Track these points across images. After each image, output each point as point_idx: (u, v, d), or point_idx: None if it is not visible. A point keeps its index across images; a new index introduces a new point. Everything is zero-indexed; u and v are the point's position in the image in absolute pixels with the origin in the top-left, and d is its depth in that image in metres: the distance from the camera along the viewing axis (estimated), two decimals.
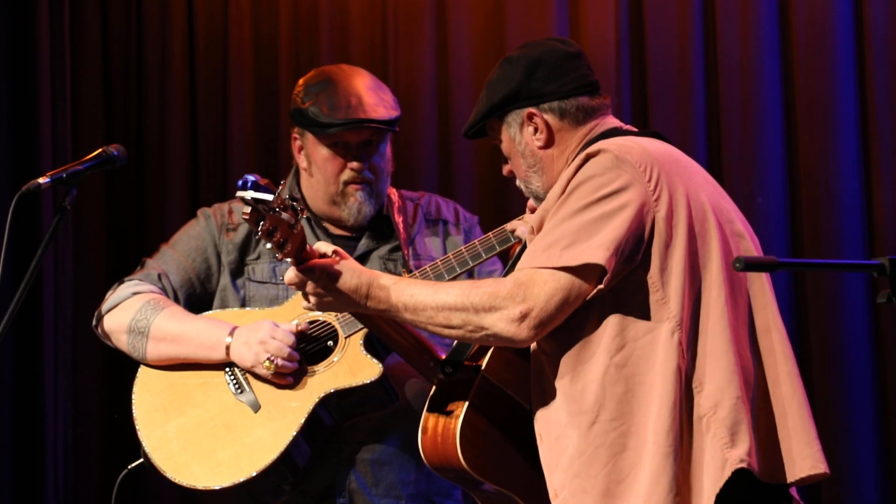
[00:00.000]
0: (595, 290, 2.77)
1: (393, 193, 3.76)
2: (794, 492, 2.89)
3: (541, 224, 2.87)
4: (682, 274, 2.79)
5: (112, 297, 3.65)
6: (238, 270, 3.70)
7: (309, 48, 5.21)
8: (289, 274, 2.90)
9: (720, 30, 4.89)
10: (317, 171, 3.68)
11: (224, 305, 3.68)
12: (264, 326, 3.48)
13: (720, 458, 2.73)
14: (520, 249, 3.16)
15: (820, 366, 4.72)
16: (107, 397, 5.09)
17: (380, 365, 3.45)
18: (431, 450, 3.00)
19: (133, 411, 3.55)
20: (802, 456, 2.84)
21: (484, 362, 3.01)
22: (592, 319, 2.81)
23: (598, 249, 2.74)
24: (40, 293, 4.96)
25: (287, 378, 3.47)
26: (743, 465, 2.73)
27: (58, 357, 5.02)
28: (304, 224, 3.69)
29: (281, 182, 2.77)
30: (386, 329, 3.07)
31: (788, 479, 2.84)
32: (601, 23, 4.94)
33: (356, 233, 3.71)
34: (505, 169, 3.11)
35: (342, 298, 2.88)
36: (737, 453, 2.73)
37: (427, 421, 3.01)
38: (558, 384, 2.84)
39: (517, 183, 3.09)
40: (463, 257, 3.47)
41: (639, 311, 2.79)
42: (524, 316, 2.76)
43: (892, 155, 4.75)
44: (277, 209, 2.73)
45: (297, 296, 3.56)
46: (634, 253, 2.79)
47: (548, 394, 2.87)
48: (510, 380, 3.02)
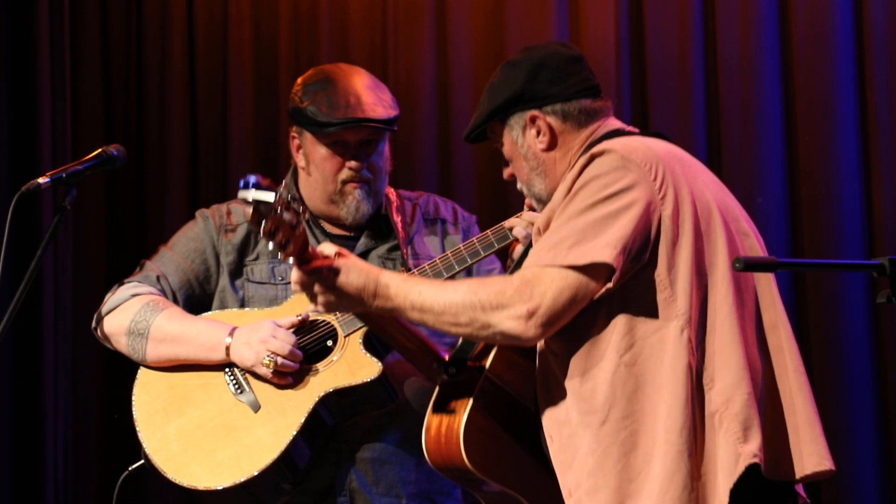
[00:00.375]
0: (603, 289, 2.77)
1: (391, 193, 3.76)
2: (801, 489, 2.90)
3: (547, 224, 2.87)
4: (690, 272, 2.79)
5: (111, 300, 3.65)
6: (237, 271, 3.70)
7: (309, 48, 5.21)
8: (294, 275, 2.88)
9: (720, 30, 4.89)
10: (315, 170, 3.67)
11: (223, 306, 3.67)
12: (265, 326, 3.48)
13: (733, 453, 2.74)
14: (524, 249, 3.16)
15: (820, 366, 4.72)
16: (107, 398, 5.09)
17: (379, 363, 3.45)
18: (435, 450, 2.99)
19: (133, 413, 3.55)
20: (808, 453, 2.84)
21: (487, 363, 3.01)
22: (601, 319, 2.81)
23: (606, 248, 2.74)
24: (40, 293, 4.95)
25: (287, 377, 3.46)
26: (756, 461, 2.73)
27: (58, 357, 5.01)
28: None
29: (283, 182, 2.76)
30: (389, 330, 3.07)
31: (795, 476, 2.84)
32: (601, 23, 4.94)
33: (354, 232, 3.71)
34: (506, 172, 3.11)
35: (349, 298, 2.87)
36: (749, 448, 2.74)
37: (430, 421, 3.01)
38: (567, 384, 2.84)
39: (518, 186, 3.09)
40: (461, 255, 3.47)
41: (647, 310, 2.79)
42: (531, 314, 2.76)
43: (892, 155, 4.75)
44: (279, 210, 2.72)
45: (297, 296, 3.57)
46: (642, 252, 2.79)
47: (556, 394, 2.87)
48: (513, 380, 3.02)
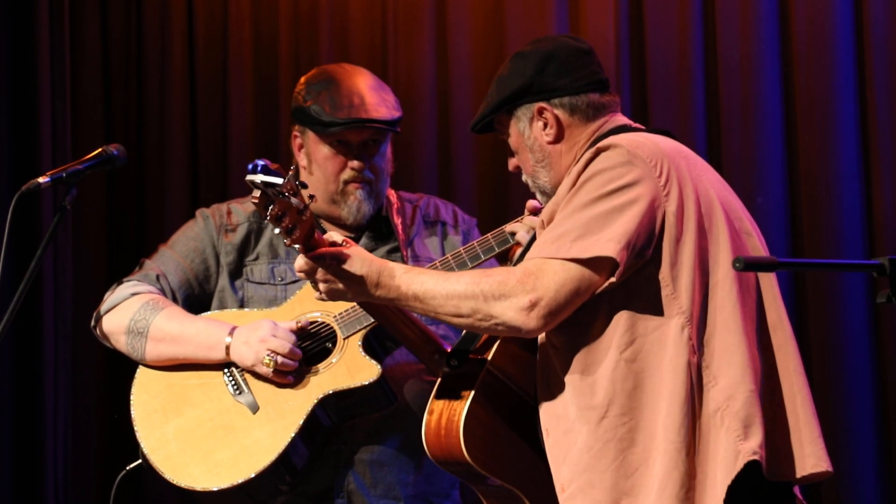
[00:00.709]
0: (606, 284, 2.77)
1: (392, 195, 3.76)
2: (798, 491, 2.90)
3: (551, 217, 2.87)
4: (693, 269, 2.79)
5: (110, 298, 3.65)
6: (236, 271, 3.69)
7: (309, 48, 5.21)
8: (299, 261, 2.88)
9: (720, 30, 4.88)
10: (317, 170, 3.68)
11: (222, 306, 3.67)
12: (264, 325, 3.48)
13: (733, 451, 2.74)
14: (527, 244, 3.16)
15: (820, 366, 4.71)
16: (107, 397, 5.09)
17: (378, 366, 3.44)
18: (435, 443, 2.99)
19: (131, 412, 3.54)
20: (807, 454, 2.84)
21: (489, 356, 3.00)
22: (602, 314, 2.82)
23: (610, 243, 2.74)
24: (40, 293, 4.95)
25: (287, 377, 3.46)
26: (755, 458, 2.73)
27: (57, 357, 5.01)
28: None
29: (291, 167, 2.75)
30: (392, 320, 3.07)
31: (791, 477, 2.84)
32: (601, 23, 4.94)
33: (355, 233, 3.70)
34: (511, 164, 3.11)
35: (352, 286, 2.87)
36: (749, 445, 2.74)
37: (431, 414, 3.01)
38: (567, 379, 2.84)
39: (523, 178, 3.09)
40: (462, 258, 3.47)
41: (649, 307, 2.80)
42: (533, 305, 2.76)
43: (892, 155, 4.74)
44: (287, 193, 2.70)
45: (296, 297, 3.57)
46: (646, 248, 2.79)
47: (555, 388, 2.87)
48: (515, 374, 3.02)
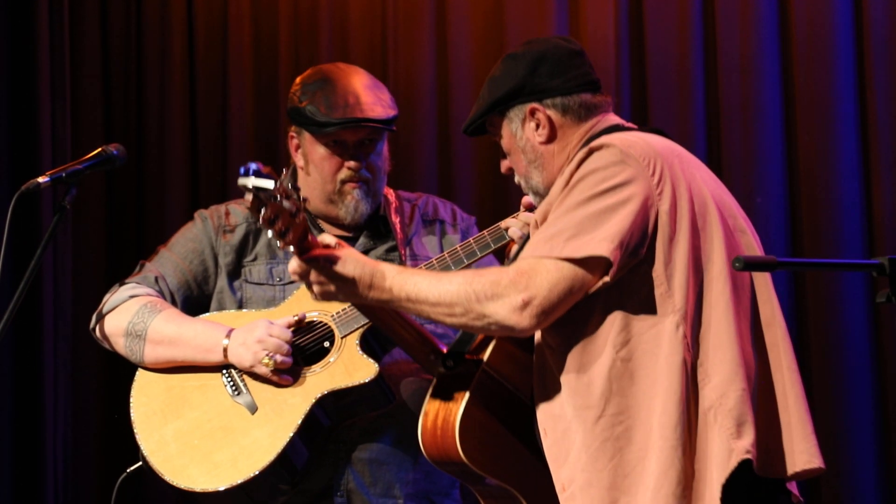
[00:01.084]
0: (600, 283, 2.77)
1: (390, 194, 3.76)
2: (794, 487, 2.90)
3: (544, 217, 2.88)
4: (686, 268, 2.80)
5: (109, 301, 3.65)
6: (235, 272, 3.69)
7: (309, 48, 5.21)
8: (292, 264, 2.89)
9: (720, 30, 4.88)
10: (314, 170, 3.68)
11: (221, 307, 3.67)
12: (259, 326, 3.48)
13: (726, 449, 2.74)
14: (520, 244, 3.16)
15: (820, 365, 4.72)
16: (106, 398, 5.08)
17: (376, 365, 3.44)
18: (431, 442, 2.99)
19: (131, 414, 3.55)
20: (800, 451, 2.84)
21: (485, 356, 3.00)
22: (597, 313, 2.82)
23: (603, 242, 2.75)
24: (40, 293, 4.95)
25: (285, 377, 3.46)
26: (748, 457, 2.74)
27: (57, 357, 5.01)
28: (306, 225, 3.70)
29: (283, 170, 2.75)
30: (388, 321, 3.07)
31: (786, 474, 2.84)
32: (601, 23, 4.94)
33: (353, 232, 3.71)
34: (503, 165, 3.12)
35: (345, 288, 2.87)
36: (742, 444, 2.75)
37: (427, 414, 3.01)
38: (563, 378, 2.84)
39: (516, 179, 3.09)
40: (458, 255, 3.47)
41: (643, 305, 2.80)
42: (526, 304, 2.76)
43: (892, 155, 4.74)
44: (279, 197, 2.71)
45: (294, 297, 3.58)
46: (639, 247, 2.79)
47: (552, 388, 2.87)
48: (511, 374, 3.02)
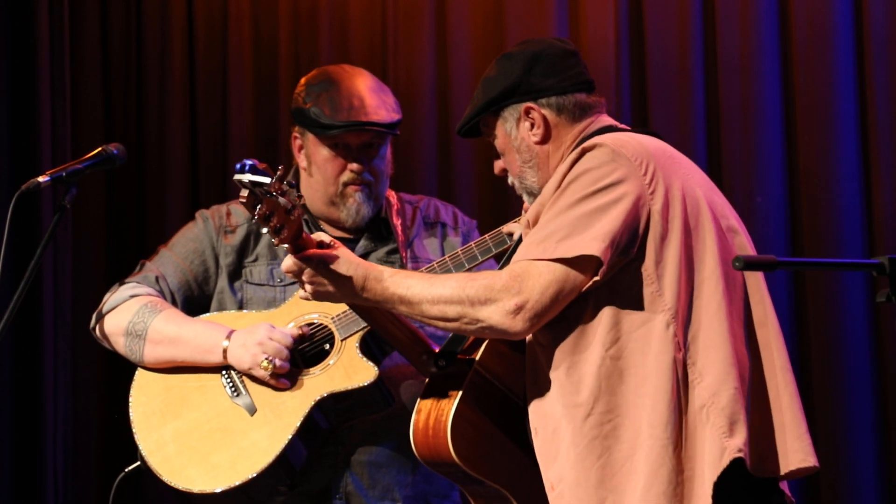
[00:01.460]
0: (591, 282, 2.78)
1: (392, 196, 3.76)
2: (786, 487, 2.90)
3: (536, 218, 2.89)
4: (678, 267, 2.80)
5: (110, 300, 3.65)
6: (236, 273, 3.70)
7: (309, 48, 5.21)
8: (286, 261, 2.90)
9: (720, 29, 4.88)
10: (316, 172, 3.68)
11: (221, 308, 3.67)
12: (261, 329, 3.48)
13: (718, 447, 2.75)
14: (513, 246, 3.16)
15: (820, 366, 4.72)
16: (106, 397, 5.08)
17: (375, 368, 3.44)
18: (423, 443, 3.00)
19: (130, 414, 3.55)
20: (794, 450, 2.85)
21: (477, 356, 3.01)
22: (588, 312, 2.83)
23: (594, 241, 2.75)
24: (40, 292, 4.95)
25: (283, 380, 3.46)
26: (740, 455, 2.74)
27: (57, 357, 5.01)
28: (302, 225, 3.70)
29: (279, 167, 2.76)
30: (381, 321, 3.09)
31: (779, 472, 2.85)
32: (601, 23, 4.94)
33: (354, 234, 3.71)
34: (497, 166, 3.12)
35: (339, 288, 2.89)
36: (734, 443, 2.75)
37: (419, 414, 3.01)
38: (553, 376, 2.85)
39: (509, 180, 3.10)
40: (459, 259, 3.47)
41: (634, 304, 2.81)
42: (519, 308, 2.78)
43: (892, 155, 4.74)
44: (274, 193, 2.72)
45: (294, 298, 3.57)
46: (630, 245, 2.80)
47: (542, 386, 2.88)
48: (503, 373, 3.02)
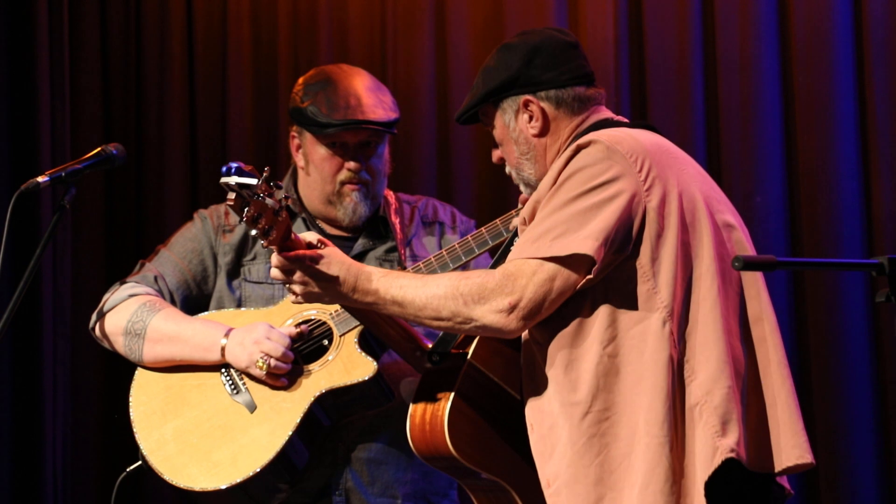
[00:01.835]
0: (584, 281, 2.78)
1: (390, 195, 3.77)
2: (785, 481, 2.90)
3: (532, 214, 2.88)
4: (674, 264, 2.80)
5: (109, 300, 3.66)
6: (234, 271, 3.70)
7: (308, 47, 5.21)
8: (274, 263, 2.89)
9: (719, 28, 4.88)
10: (314, 171, 3.68)
11: (220, 306, 3.68)
12: (259, 327, 3.48)
13: (711, 447, 2.75)
14: (508, 240, 3.16)
15: (819, 365, 4.71)
16: (106, 397, 5.08)
17: (374, 363, 3.44)
18: (420, 438, 2.99)
19: (130, 413, 3.55)
20: (790, 446, 2.84)
21: (471, 350, 3.00)
22: (584, 309, 2.83)
23: (587, 240, 2.75)
24: (39, 292, 4.94)
25: (281, 379, 3.47)
26: (733, 455, 2.74)
27: (57, 356, 5.01)
28: (300, 224, 3.70)
29: (265, 168, 2.77)
30: (373, 318, 3.09)
31: (776, 469, 2.85)
32: (600, 22, 4.94)
33: (352, 233, 3.72)
34: (495, 155, 3.12)
35: (329, 290, 2.88)
36: (727, 442, 2.75)
37: (415, 410, 3.01)
38: (550, 374, 2.85)
39: (507, 170, 3.10)
40: (456, 253, 3.47)
41: (630, 302, 2.80)
42: (513, 307, 2.78)
43: (892, 154, 4.74)
44: (261, 195, 2.73)
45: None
46: (625, 243, 2.80)
47: (540, 383, 2.87)
48: (498, 367, 3.02)
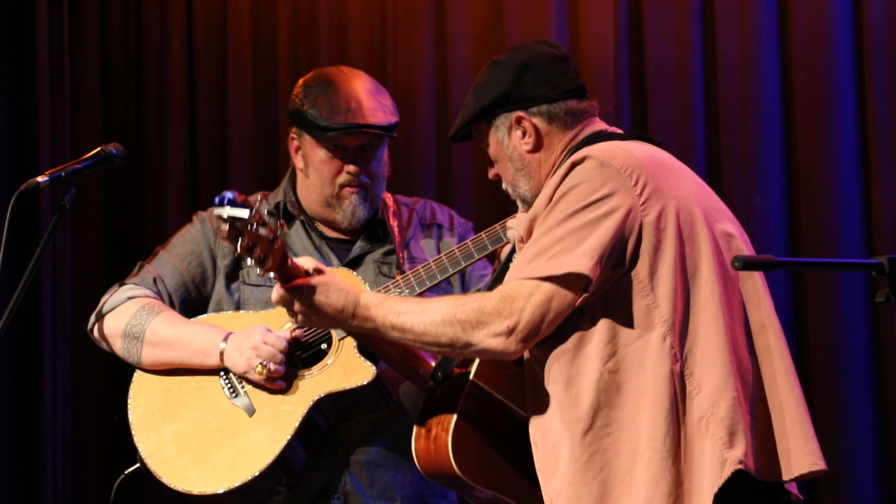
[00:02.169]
0: (581, 299, 2.77)
1: (388, 198, 3.76)
2: (793, 487, 2.89)
3: (529, 232, 2.87)
4: (672, 277, 2.78)
5: (108, 301, 3.65)
6: (233, 274, 3.70)
7: (308, 48, 5.21)
8: (275, 292, 2.92)
9: (719, 29, 4.88)
10: (313, 173, 3.68)
11: (219, 309, 3.67)
12: (257, 332, 3.48)
13: (719, 459, 2.73)
14: (506, 257, 3.16)
15: (819, 365, 4.71)
16: (106, 398, 5.08)
17: (373, 367, 3.44)
18: (425, 457, 3.01)
19: (129, 416, 3.55)
20: (801, 454, 2.83)
21: (473, 368, 3.01)
22: (584, 326, 2.82)
23: (582, 258, 2.74)
24: (39, 292, 4.95)
25: (279, 383, 3.47)
26: (741, 467, 2.73)
27: (56, 357, 5.01)
28: (298, 226, 3.70)
29: (260, 196, 2.76)
30: (375, 339, 3.09)
31: (785, 477, 2.84)
32: (600, 23, 4.93)
33: (351, 236, 3.72)
34: (491, 172, 3.11)
35: (329, 317, 2.91)
36: (735, 454, 2.73)
37: (420, 429, 3.03)
38: (552, 391, 2.84)
39: (504, 186, 3.09)
40: (455, 257, 3.47)
41: (629, 317, 2.79)
42: (511, 330, 2.78)
43: (892, 154, 4.74)
44: (254, 225, 2.71)
45: None
46: (622, 258, 2.79)
47: (542, 401, 2.87)
48: (502, 385, 3.02)
